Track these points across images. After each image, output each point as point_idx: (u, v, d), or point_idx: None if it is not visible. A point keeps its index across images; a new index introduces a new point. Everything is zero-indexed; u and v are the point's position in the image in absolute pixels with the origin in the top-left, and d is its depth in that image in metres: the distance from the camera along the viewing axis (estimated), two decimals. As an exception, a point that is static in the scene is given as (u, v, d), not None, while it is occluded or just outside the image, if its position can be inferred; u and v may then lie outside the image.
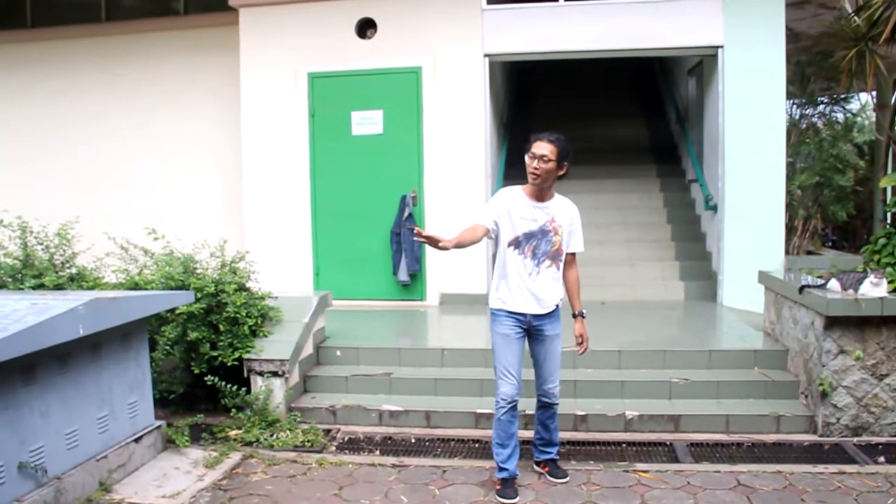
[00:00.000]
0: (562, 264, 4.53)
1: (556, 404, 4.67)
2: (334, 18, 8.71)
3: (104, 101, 9.83)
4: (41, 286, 5.55)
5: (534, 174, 4.34)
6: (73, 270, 6.02)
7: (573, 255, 4.61)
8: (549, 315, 4.52)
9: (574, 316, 4.65)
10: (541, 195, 4.44)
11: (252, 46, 8.90)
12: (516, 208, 4.43)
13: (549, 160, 4.30)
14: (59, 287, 5.63)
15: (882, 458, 4.96)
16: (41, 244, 5.99)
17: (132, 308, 4.78)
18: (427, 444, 5.39)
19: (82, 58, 9.89)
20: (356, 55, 8.69)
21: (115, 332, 4.66)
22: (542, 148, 4.32)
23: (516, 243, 4.42)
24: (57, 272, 5.84)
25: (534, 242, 4.43)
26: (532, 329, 4.52)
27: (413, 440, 5.47)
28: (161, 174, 9.74)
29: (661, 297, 8.99)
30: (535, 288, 4.43)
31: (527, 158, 4.38)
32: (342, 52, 8.71)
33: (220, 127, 9.49)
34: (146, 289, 5.77)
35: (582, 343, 4.64)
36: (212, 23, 9.40)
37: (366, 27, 8.74)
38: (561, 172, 4.39)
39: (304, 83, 8.79)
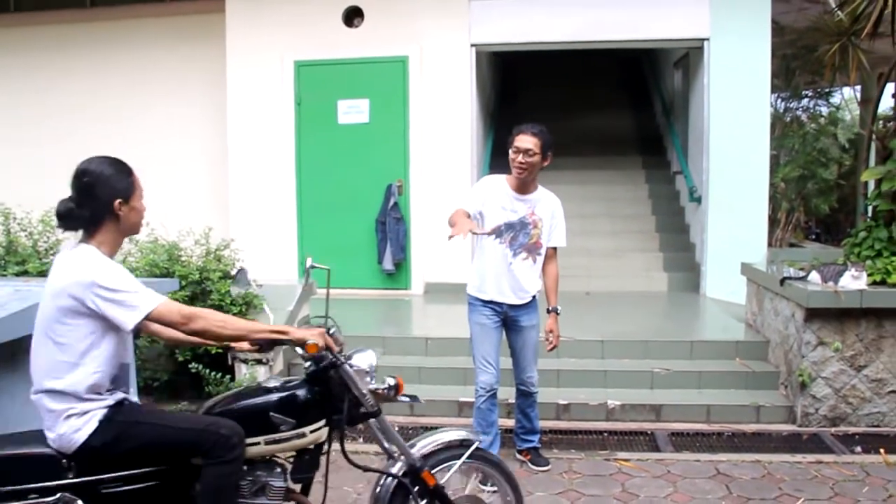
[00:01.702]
0: (539, 258, 4.52)
1: (535, 392, 4.70)
2: (321, 6, 8.67)
3: (88, 88, 9.74)
4: (24, 273, 5.54)
5: (520, 168, 4.35)
6: (58, 257, 6.00)
7: (554, 249, 4.60)
8: (525, 306, 4.54)
9: (548, 311, 4.62)
10: (524, 187, 4.45)
11: (238, 33, 8.86)
12: (498, 198, 4.44)
13: (535, 153, 4.32)
14: (42, 274, 5.59)
15: (858, 448, 5.04)
16: (24, 231, 5.97)
17: (116, 295, 4.76)
18: (410, 432, 5.42)
19: (67, 44, 9.78)
20: (343, 44, 8.66)
21: (98, 319, 4.65)
22: (526, 141, 4.32)
23: (497, 232, 4.42)
24: (41, 259, 5.83)
25: (512, 233, 4.43)
26: (508, 319, 4.54)
27: (397, 428, 5.48)
28: (146, 161, 9.44)
29: (645, 287, 9.04)
30: (511, 278, 4.43)
31: (511, 153, 4.38)
32: (329, 40, 8.68)
33: (206, 114, 9.43)
34: (130, 276, 5.76)
35: (552, 341, 4.60)
36: (198, 10, 9.34)
37: (353, 16, 8.71)
38: (545, 164, 4.41)
39: (291, 71, 8.76)
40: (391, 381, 3.09)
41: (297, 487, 3.04)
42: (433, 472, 3.12)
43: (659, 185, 10.73)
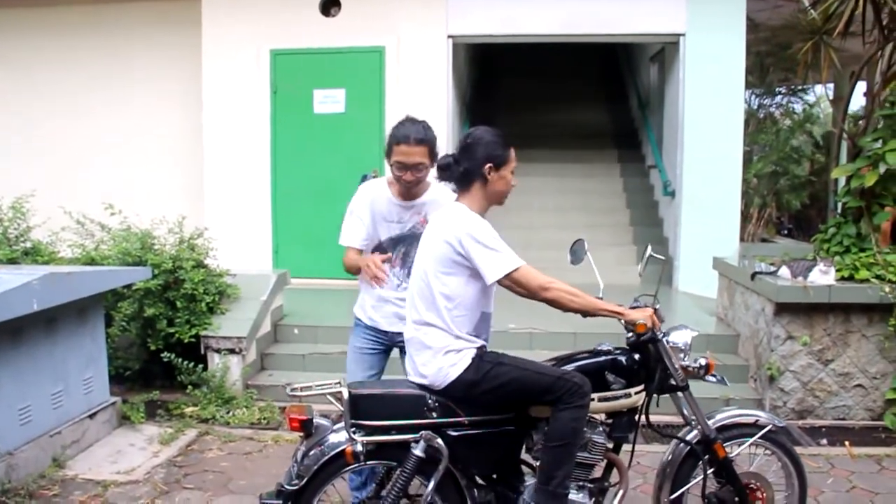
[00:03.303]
0: None
1: None
2: (298, -5, 8.64)
3: (62, 74, 9.58)
4: (-6, 259, 5.48)
5: (408, 184, 3.56)
6: (28, 244, 5.94)
7: None
8: None
9: None
10: (410, 193, 3.63)
11: (215, 21, 8.77)
12: (378, 208, 3.70)
13: (425, 167, 3.51)
14: (12, 261, 5.55)
15: (824, 441, 5.14)
16: (-6, 217, 5.90)
17: (88, 283, 4.74)
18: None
19: (40, 28, 9.61)
20: (320, 33, 8.61)
21: (70, 307, 4.62)
22: (413, 155, 3.46)
23: (381, 250, 3.73)
24: (11, 246, 5.77)
25: (402, 249, 3.68)
26: (396, 346, 3.75)
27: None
28: (120, 149, 9.56)
29: (618, 281, 9.02)
30: (401, 303, 3.53)
31: (394, 169, 3.53)
32: (305, 29, 8.63)
33: (181, 102, 9.34)
34: (102, 264, 5.72)
35: None
36: (173, -5, 9.25)
37: (330, 5, 8.66)
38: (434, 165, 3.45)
39: (267, 60, 8.70)
40: (702, 361, 3.31)
41: (611, 445, 3.33)
42: (725, 445, 3.35)
43: (634, 178, 10.79)
